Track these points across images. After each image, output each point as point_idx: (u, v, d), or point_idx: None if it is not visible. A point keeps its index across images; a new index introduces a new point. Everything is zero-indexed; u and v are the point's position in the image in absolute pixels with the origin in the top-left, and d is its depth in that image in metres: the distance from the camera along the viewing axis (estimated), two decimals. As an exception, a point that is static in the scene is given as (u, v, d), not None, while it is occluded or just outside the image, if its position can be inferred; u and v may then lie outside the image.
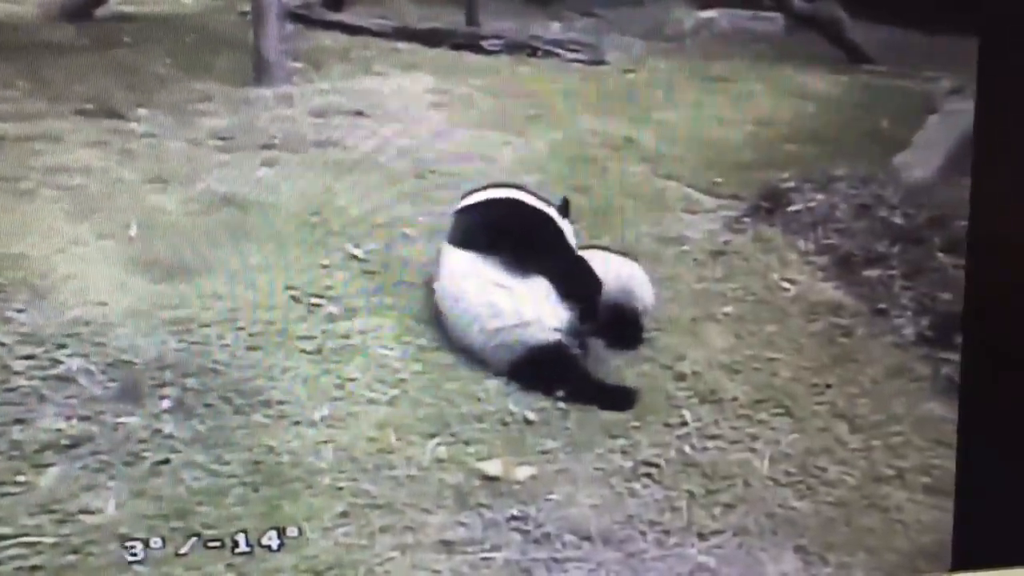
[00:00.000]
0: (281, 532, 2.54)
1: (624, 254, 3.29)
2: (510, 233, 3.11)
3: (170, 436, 2.68)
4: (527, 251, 3.08)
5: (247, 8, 3.66)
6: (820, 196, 3.56)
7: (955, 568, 2.66)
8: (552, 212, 3.23)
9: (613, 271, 3.20)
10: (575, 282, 3.10)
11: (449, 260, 3.13)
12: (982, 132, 2.70)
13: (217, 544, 2.51)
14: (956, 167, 3.61)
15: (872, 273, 3.34)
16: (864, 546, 2.61)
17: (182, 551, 2.50)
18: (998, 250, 2.74)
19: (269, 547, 2.52)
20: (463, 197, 3.25)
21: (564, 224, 3.24)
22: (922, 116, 3.80)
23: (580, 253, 3.23)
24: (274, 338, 3.00)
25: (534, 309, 3.02)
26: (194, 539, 2.51)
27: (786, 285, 3.36)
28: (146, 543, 2.49)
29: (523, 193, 3.25)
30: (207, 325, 3.00)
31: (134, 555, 2.48)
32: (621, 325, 3.17)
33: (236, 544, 2.51)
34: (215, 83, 3.54)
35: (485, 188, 3.27)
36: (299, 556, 2.50)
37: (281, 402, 2.82)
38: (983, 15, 2.72)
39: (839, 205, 3.52)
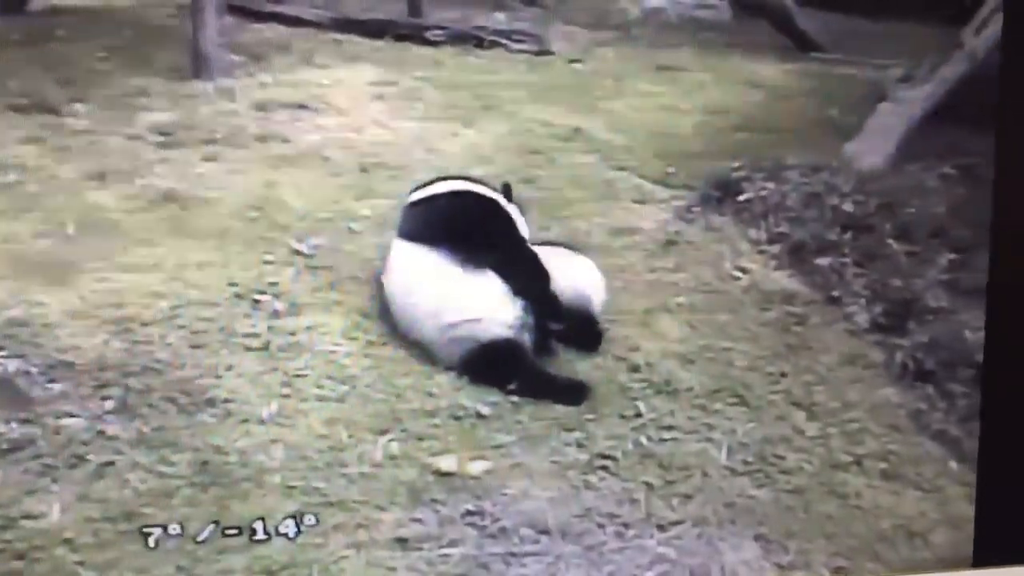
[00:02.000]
0: (299, 520, 2.52)
1: (571, 248, 3.28)
2: (461, 227, 3.08)
3: (114, 438, 2.63)
4: (479, 245, 3.05)
5: (184, 1, 3.62)
6: (771, 185, 3.56)
7: (976, 564, 2.69)
8: (504, 204, 3.20)
9: (565, 270, 3.17)
10: (527, 276, 3.07)
11: (400, 254, 3.10)
12: (1004, 127, 2.73)
13: (235, 532, 2.50)
14: (906, 154, 3.66)
15: (824, 261, 3.35)
16: (823, 532, 2.62)
17: (200, 538, 2.49)
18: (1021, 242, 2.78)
19: (286, 535, 2.51)
20: (413, 190, 3.21)
21: (515, 213, 3.22)
22: (872, 104, 3.83)
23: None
24: (218, 336, 2.95)
25: (486, 305, 2.99)
26: (212, 526, 2.49)
27: (739, 274, 3.36)
28: (164, 528, 2.48)
29: (474, 185, 3.21)
30: (149, 324, 2.94)
31: (154, 541, 2.47)
32: (577, 326, 3.13)
33: (254, 532, 2.50)
34: (154, 78, 3.49)
35: (436, 181, 3.22)
36: (251, 556, 2.46)
37: (227, 400, 2.77)
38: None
39: (790, 194, 3.53)
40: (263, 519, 2.51)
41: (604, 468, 2.73)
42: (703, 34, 4.11)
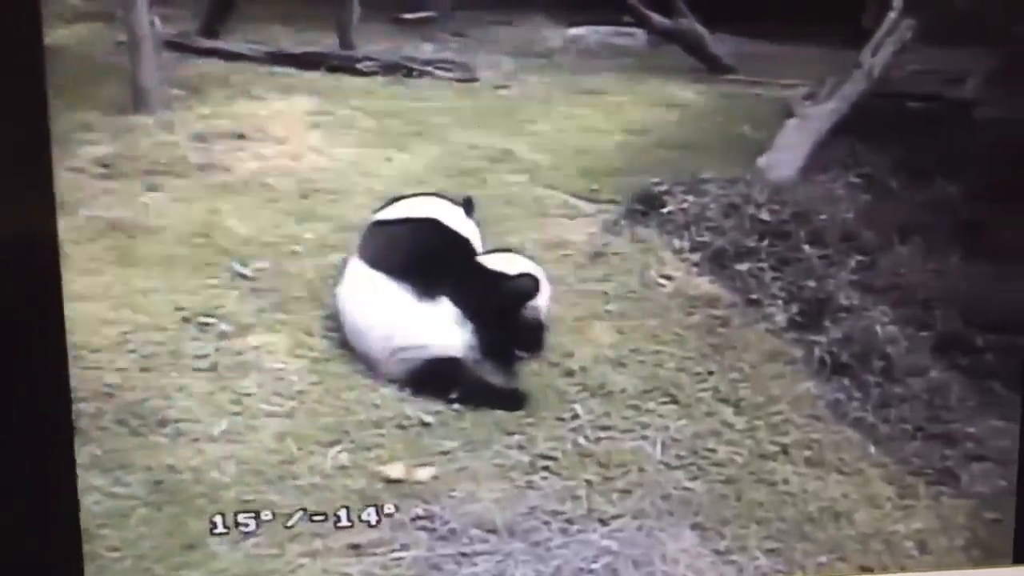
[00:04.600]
0: (379, 509, 2.66)
1: (519, 254, 3.36)
2: (419, 260, 3.16)
3: (68, 462, 2.69)
4: (435, 277, 3.14)
5: (123, 38, 3.66)
6: (691, 197, 3.66)
7: (1017, 561, 2.85)
8: (464, 227, 3.30)
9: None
10: (483, 300, 3.16)
11: (356, 274, 3.17)
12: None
13: (321, 518, 2.63)
14: (814, 166, 3.82)
15: (743, 266, 3.47)
16: (756, 518, 2.77)
17: (289, 524, 2.61)
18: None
19: (368, 523, 2.65)
20: (378, 210, 3.30)
21: (472, 230, 3.33)
22: (780, 120, 3.99)
23: (489, 257, 3.31)
24: (167, 359, 3.00)
25: (435, 333, 3.09)
26: (300, 512, 2.62)
27: (664, 282, 3.47)
28: (257, 515, 2.61)
29: (440, 203, 3.31)
30: (98, 350, 2.98)
31: (247, 528, 2.60)
32: (523, 329, 3.23)
33: (339, 519, 2.64)
34: (95, 112, 3.50)
35: (403, 199, 3.32)
36: (208, 570, 2.53)
37: (178, 420, 2.83)
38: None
39: (709, 205, 3.63)
40: (347, 507, 2.65)
41: (546, 468, 2.84)
42: (621, 59, 4.19)
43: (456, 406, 2.98)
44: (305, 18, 4.15)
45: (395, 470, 2.77)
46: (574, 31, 4.29)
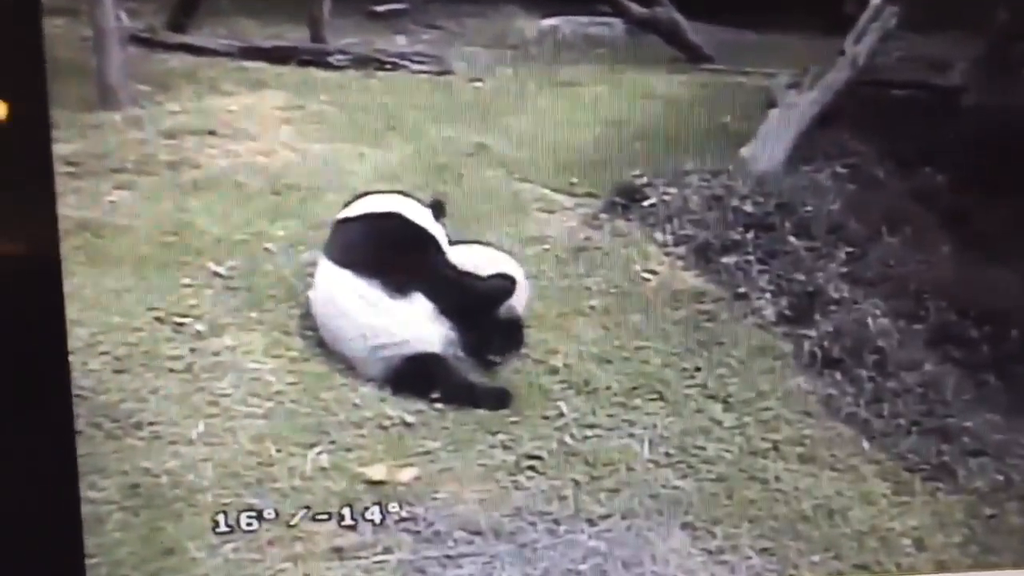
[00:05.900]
0: (384, 507, 2.61)
1: (495, 247, 3.32)
2: (389, 253, 3.11)
3: (41, 466, 2.63)
4: (406, 270, 3.08)
5: (89, 34, 3.61)
6: (673, 190, 3.66)
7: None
8: (430, 225, 3.24)
9: (492, 269, 3.22)
10: (454, 299, 3.11)
11: (326, 275, 3.11)
12: None
13: (325, 517, 2.58)
14: (798, 156, 3.81)
15: (729, 259, 3.46)
16: (747, 517, 2.74)
17: (292, 523, 2.57)
18: None
19: (372, 521, 2.60)
20: (345, 206, 3.23)
21: (439, 230, 3.25)
22: (762, 110, 4.01)
23: (463, 248, 3.26)
24: (141, 360, 2.94)
25: (412, 328, 3.03)
26: (304, 510, 2.58)
27: (648, 276, 3.44)
28: (260, 514, 2.57)
29: (404, 201, 3.25)
30: (69, 352, 2.86)
31: (250, 526, 2.56)
32: (500, 328, 3.19)
33: (342, 517, 2.59)
34: (61, 110, 3.43)
35: (366, 195, 3.25)
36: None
37: (153, 423, 2.77)
38: None
39: (691, 197, 3.63)
40: (351, 505, 2.61)
41: (531, 468, 2.80)
42: (597, 50, 4.19)
43: (438, 405, 2.94)
44: (275, 11, 4.13)
45: (377, 471, 2.72)
46: (549, 22, 4.29)
